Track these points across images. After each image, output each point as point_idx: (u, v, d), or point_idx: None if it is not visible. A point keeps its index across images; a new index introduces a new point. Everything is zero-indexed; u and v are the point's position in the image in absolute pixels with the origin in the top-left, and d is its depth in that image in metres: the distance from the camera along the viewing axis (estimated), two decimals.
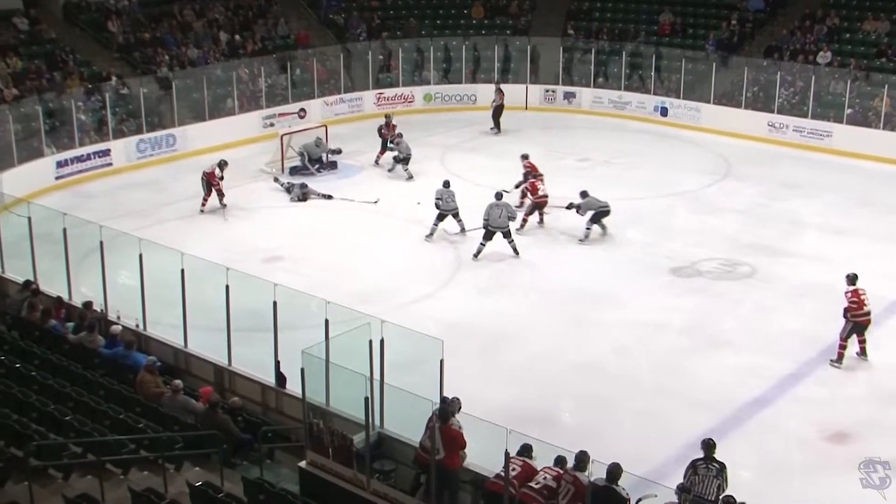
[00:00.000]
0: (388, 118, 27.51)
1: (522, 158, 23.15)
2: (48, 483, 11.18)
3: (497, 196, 20.33)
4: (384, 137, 26.86)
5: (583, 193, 21.29)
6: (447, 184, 21.36)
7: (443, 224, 21.08)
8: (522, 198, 22.41)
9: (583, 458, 10.21)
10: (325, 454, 11.09)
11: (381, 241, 21.15)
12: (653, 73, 31.25)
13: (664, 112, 30.69)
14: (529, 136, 28.99)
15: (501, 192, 20.66)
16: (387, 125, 27.05)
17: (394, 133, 26.66)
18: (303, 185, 24.06)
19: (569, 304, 17.92)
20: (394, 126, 27.05)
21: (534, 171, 22.61)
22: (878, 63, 29.09)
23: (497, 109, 29.81)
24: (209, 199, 22.78)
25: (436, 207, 21.06)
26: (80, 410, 12.19)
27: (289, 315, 13.53)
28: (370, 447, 10.90)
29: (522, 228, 21.26)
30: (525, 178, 22.67)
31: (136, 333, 14.85)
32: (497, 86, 30.44)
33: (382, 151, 26.72)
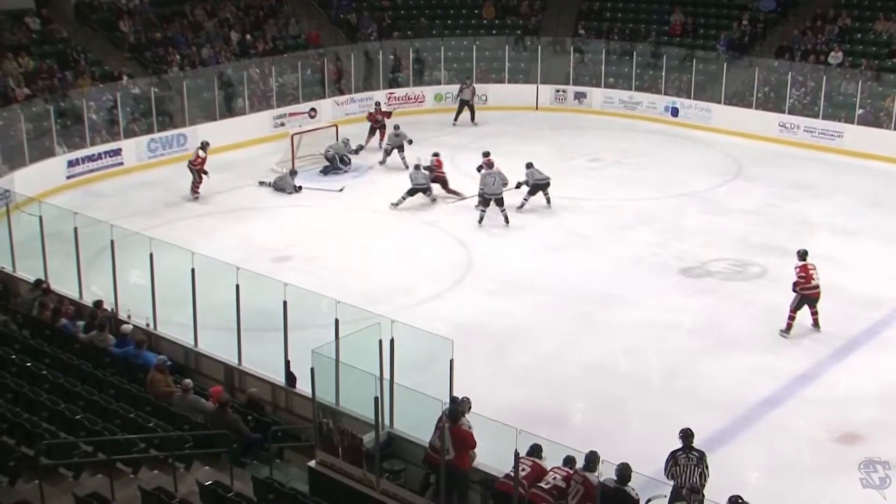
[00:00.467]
0: (379, 104, 28.73)
1: (484, 156, 23.32)
2: (58, 482, 11.20)
3: (487, 165, 22.37)
4: (375, 123, 27.83)
5: (528, 164, 22.83)
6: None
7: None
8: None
9: (592, 459, 10.21)
10: (335, 454, 11.11)
11: (391, 241, 21.17)
12: (663, 73, 31.22)
13: (675, 112, 30.64)
14: (540, 137, 28.97)
15: (491, 161, 22.55)
16: (378, 111, 28.10)
17: (385, 117, 27.84)
18: (293, 172, 24.53)
19: (578, 305, 17.89)
20: (383, 112, 28.15)
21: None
22: (890, 63, 29.00)
23: (464, 104, 30.43)
24: (200, 185, 23.61)
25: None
26: (91, 409, 12.22)
27: (299, 315, 13.55)
28: (380, 447, 10.92)
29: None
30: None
31: (147, 332, 14.87)
32: (466, 81, 31.01)
33: (370, 136, 27.71)
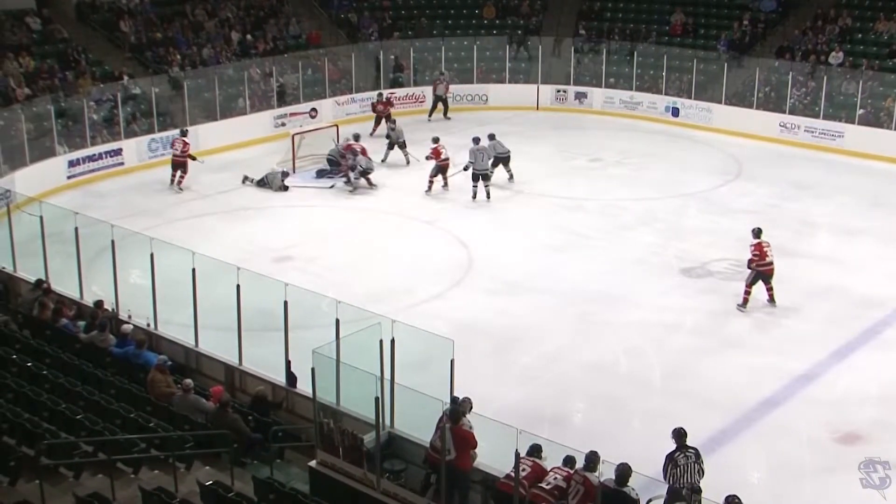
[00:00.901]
0: (382, 94, 29.21)
1: (434, 142, 24.03)
2: (59, 482, 11.19)
3: (475, 140, 23.34)
4: (379, 113, 28.42)
5: (490, 136, 24.17)
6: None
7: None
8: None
9: (593, 459, 10.20)
10: (336, 454, 11.10)
11: (392, 241, 21.15)
12: (664, 73, 31.20)
13: (675, 112, 30.62)
14: (541, 137, 28.96)
15: (478, 137, 23.48)
16: (381, 102, 28.72)
17: (388, 110, 28.36)
18: (284, 173, 24.59)
19: (579, 305, 17.88)
20: (387, 104, 28.72)
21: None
22: (891, 63, 28.98)
23: (438, 100, 30.67)
24: (185, 177, 24.34)
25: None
26: (92, 409, 12.21)
27: (299, 315, 13.55)
28: (380, 447, 10.91)
29: (430, 191, 23.63)
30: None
31: (148, 332, 14.85)
32: (441, 77, 31.20)
33: (377, 126, 28.44)
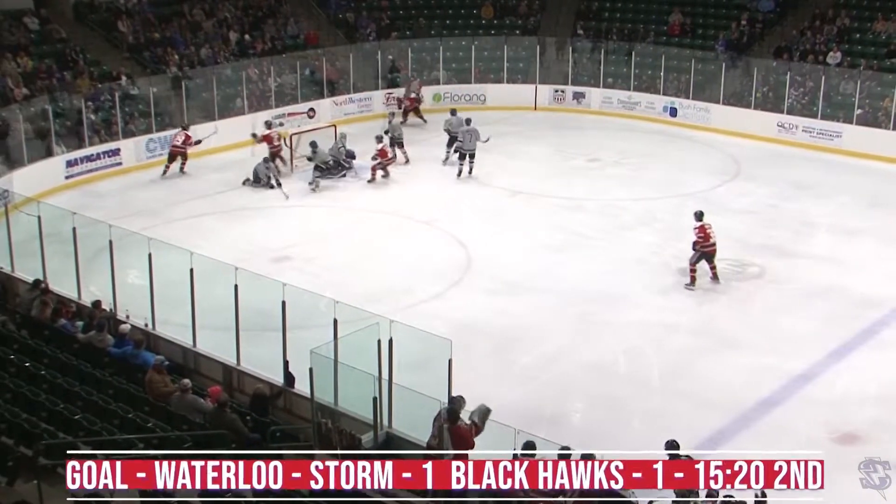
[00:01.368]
0: (410, 86, 30.05)
1: (378, 140, 24.79)
2: (57, 482, 11.14)
3: (467, 122, 25.17)
4: (406, 109, 29.58)
5: (451, 111, 26.24)
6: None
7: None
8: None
9: (589, 458, 10.17)
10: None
11: (391, 241, 21.14)
12: (662, 73, 31.20)
13: (673, 112, 30.63)
14: (539, 136, 28.97)
15: (470, 119, 25.40)
16: (408, 98, 29.69)
17: (410, 107, 29.48)
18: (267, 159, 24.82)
19: (578, 305, 17.88)
20: (414, 99, 29.70)
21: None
22: (889, 63, 28.99)
23: (414, 102, 30.78)
24: (185, 163, 25.26)
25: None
26: (89, 409, 12.19)
27: (297, 315, 13.54)
28: (378, 447, 10.90)
29: (373, 180, 24.48)
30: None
31: (145, 333, 14.83)
32: (413, 76, 31.58)
33: (405, 115, 29.65)
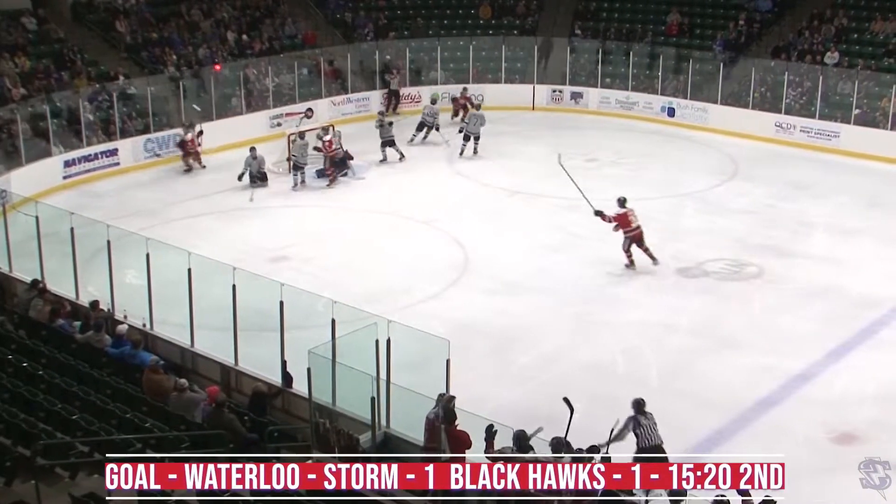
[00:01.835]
0: (466, 89, 30.46)
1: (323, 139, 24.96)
2: (55, 482, 11.15)
3: (476, 107, 27.53)
4: (456, 106, 29.94)
5: (433, 100, 27.94)
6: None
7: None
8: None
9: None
10: (332, 454, 11.08)
11: (389, 241, 21.12)
12: (660, 74, 31.20)
13: (671, 112, 30.63)
14: (537, 136, 28.93)
15: (479, 104, 27.92)
16: (463, 97, 29.94)
17: (460, 105, 29.76)
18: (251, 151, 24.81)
19: (577, 305, 17.88)
20: (467, 98, 29.89)
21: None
22: (887, 63, 29.00)
23: (392, 94, 31.03)
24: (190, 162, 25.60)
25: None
26: (87, 409, 12.18)
27: (295, 315, 13.54)
28: (376, 447, 10.90)
29: (332, 185, 24.56)
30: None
31: (143, 333, 14.83)
32: (393, 71, 31.57)
33: (455, 116, 29.86)
